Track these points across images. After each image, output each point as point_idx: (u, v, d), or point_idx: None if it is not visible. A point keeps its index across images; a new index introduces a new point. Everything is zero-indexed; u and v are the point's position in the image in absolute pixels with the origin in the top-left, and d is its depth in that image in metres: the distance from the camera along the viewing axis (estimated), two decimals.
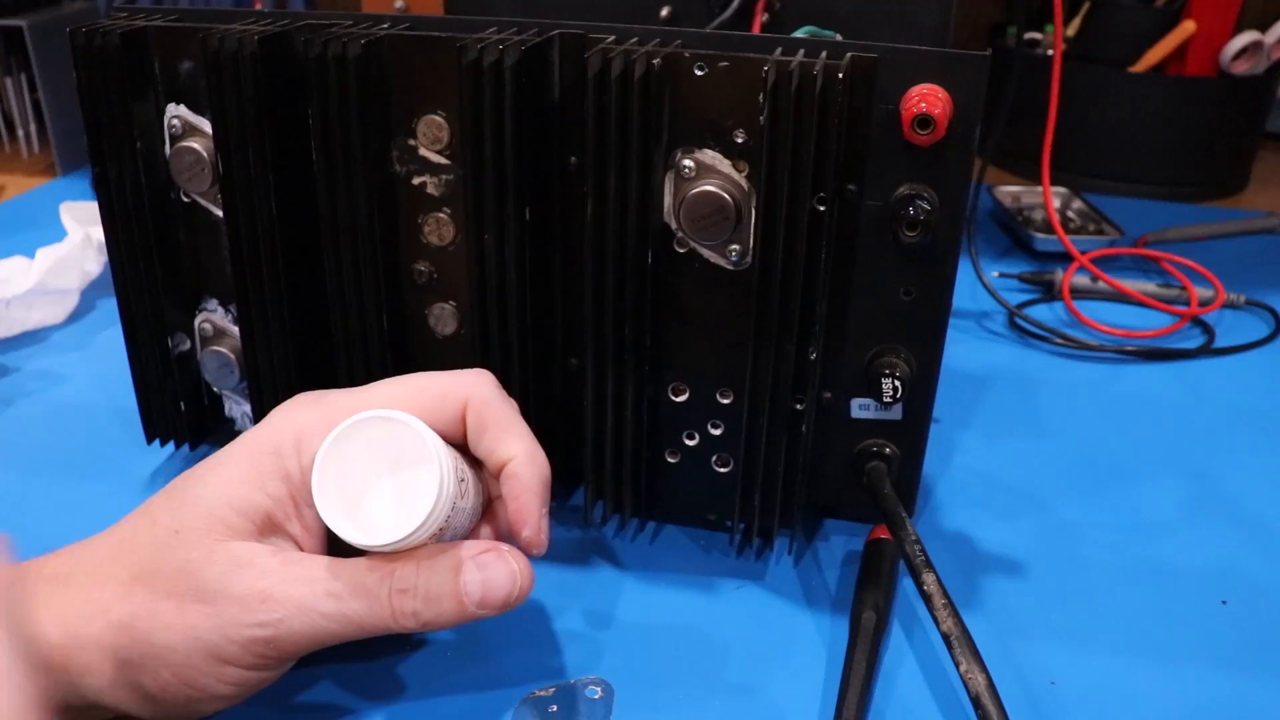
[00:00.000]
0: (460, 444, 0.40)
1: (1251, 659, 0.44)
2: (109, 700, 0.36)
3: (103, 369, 0.65)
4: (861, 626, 0.43)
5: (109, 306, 0.73)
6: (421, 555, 0.37)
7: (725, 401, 0.47)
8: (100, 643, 0.35)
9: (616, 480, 0.49)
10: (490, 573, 0.37)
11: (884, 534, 0.48)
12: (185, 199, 0.50)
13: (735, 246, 0.44)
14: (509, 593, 0.37)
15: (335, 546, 0.38)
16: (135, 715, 0.37)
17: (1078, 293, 0.79)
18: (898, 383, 0.46)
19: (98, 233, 0.73)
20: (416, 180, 0.46)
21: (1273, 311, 0.77)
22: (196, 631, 0.35)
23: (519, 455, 0.39)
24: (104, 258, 0.74)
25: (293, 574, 0.36)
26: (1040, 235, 0.86)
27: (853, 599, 0.45)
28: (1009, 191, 0.97)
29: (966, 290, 0.78)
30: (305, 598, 0.35)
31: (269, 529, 0.37)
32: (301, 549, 0.37)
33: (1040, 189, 0.89)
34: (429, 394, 0.39)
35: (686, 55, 0.41)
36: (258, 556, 0.36)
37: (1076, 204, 0.95)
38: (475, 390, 0.40)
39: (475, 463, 0.41)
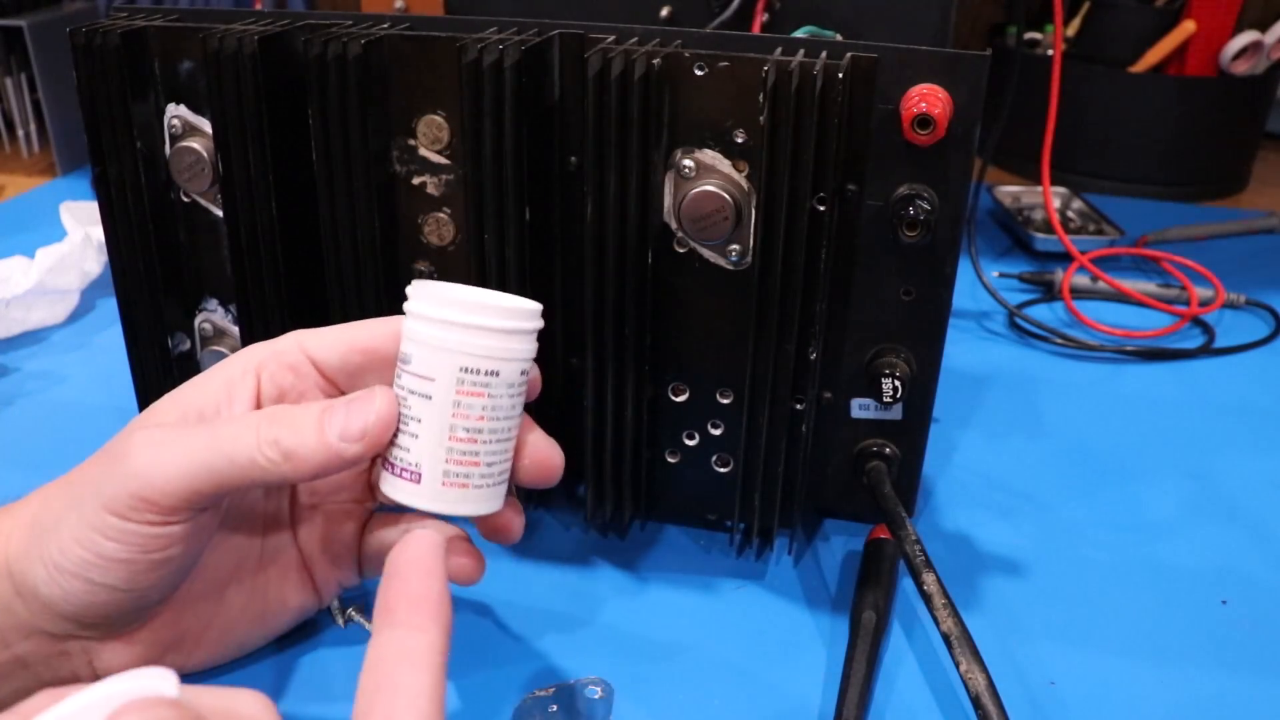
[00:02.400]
0: None
1: (1251, 659, 0.44)
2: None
3: (103, 369, 0.65)
4: (861, 626, 0.43)
5: (109, 306, 0.73)
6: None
7: (725, 401, 0.47)
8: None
9: (616, 480, 0.49)
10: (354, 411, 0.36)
11: (884, 534, 0.48)
12: (185, 199, 0.50)
13: (735, 246, 0.44)
14: (365, 425, 0.36)
15: None
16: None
17: (1078, 293, 0.79)
18: (898, 383, 0.46)
19: (98, 233, 0.73)
20: (416, 180, 0.46)
21: (1273, 311, 0.77)
22: (88, 489, 0.36)
23: None
24: (104, 258, 0.74)
25: (162, 433, 0.36)
26: (1040, 235, 0.86)
27: (853, 599, 0.45)
28: (1009, 191, 0.97)
29: (966, 290, 0.78)
30: (158, 433, 0.36)
31: None
32: None
33: (1040, 189, 0.89)
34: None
35: (686, 55, 0.41)
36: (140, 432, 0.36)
37: (1076, 204, 0.95)
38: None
39: None
